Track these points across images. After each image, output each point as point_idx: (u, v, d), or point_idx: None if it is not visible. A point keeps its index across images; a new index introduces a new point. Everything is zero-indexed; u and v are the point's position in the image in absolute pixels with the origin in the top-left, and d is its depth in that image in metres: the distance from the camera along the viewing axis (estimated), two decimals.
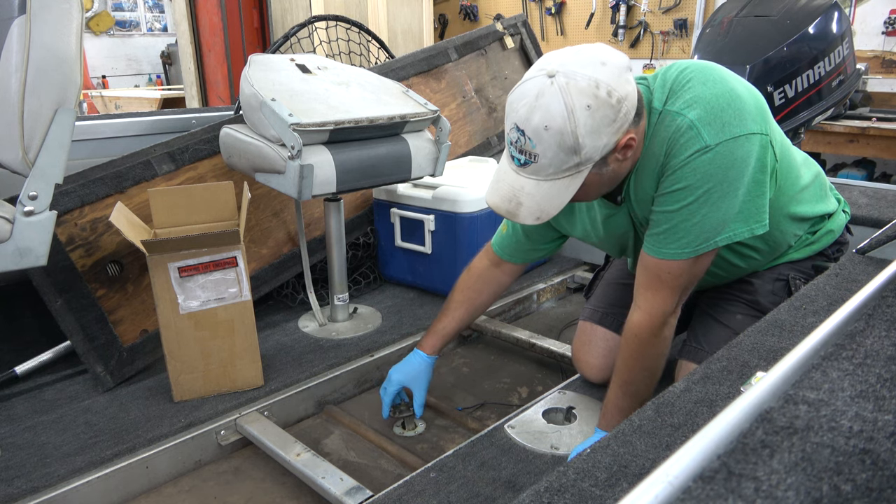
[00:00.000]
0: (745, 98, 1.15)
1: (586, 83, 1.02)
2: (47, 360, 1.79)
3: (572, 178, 1.09)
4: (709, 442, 0.57)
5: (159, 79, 6.63)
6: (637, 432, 0.84)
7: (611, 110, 1.04)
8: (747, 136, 1.12)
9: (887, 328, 0.89)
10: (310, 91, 1.75)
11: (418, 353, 1.58)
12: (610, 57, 1.06)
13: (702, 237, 1.16)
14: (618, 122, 1.05)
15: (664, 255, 1.20)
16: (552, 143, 1.04)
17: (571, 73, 1.03)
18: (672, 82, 1.17)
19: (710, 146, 1.10)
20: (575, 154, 1.05)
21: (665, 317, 1.24)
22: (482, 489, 1.27)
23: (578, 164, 1.07)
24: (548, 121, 1.03)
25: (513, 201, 1.12)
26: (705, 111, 1.11)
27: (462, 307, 1.58)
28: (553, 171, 1.08)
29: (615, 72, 1.05)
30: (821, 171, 1.45)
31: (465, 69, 2.87)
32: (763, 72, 2.32)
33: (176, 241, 1.51)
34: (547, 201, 1.11)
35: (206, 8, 4.28)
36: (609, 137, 1.06)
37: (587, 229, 1.42)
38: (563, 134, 1.03)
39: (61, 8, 1.27)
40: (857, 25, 3.75)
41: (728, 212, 1.14)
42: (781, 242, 1.38)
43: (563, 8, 5.18)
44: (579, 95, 1.02)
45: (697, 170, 1.12)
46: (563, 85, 1.03)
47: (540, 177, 1.09)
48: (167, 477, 1.48)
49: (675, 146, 1.13)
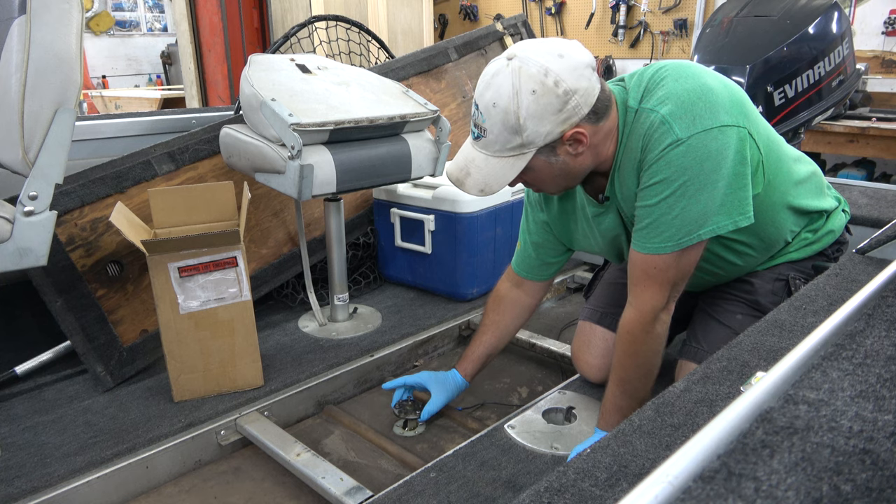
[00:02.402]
0: (718, 91, 1.16)
1: (536, 69, 1.09)
2: (47, 360, 1.79)
3: (516, 159, 1.16)
4: (709, 442, 0.57)
5: (159, 79, 6.63)
6: (637, 432, 0.84)
7: (556, 99, 1.10)
8: (721, 129, 1.13)
9: (887, 328, 0.89)
10: (310, 91, 1.75)
11: (454, 372, 1.62)
12: (570, 52, 1.12)
13: (683, 230, 1.17)
14: (564, 112, 1.11)
15: (649, 250, 1.21)
16: (497, 120, 1.12)
17: (526, 59, 1.10)
18: (647, 81, 1.20)
19: (682, 139, 1.13)
20: (517, 134, 1.12)
21: (656, 312, 1.25)
22: (482, 489, 1.27)
23: (521, 146, 1.14)
24: (496, 98, 1.11)
25: (463, 170, 1.21)
26: (676, 105, 1.14)
27: (489, 331, 1.62)
28: (499, 147, 1.16)
29: (570, 65, 1.10)
30: (817, 169, 1.45)
31: (465, 69, 2.87)
32: (763, 72, 2.32)
33: (176, 241, 1.51)
34: (492, 176, 1.18)
35: (206, 8, 4.28)
36: (553, 126, 1.12)
37: (588, 240, 1.44)
38: (507, 112, 1.11)
39: (61, 8, 1.27)
40: (857, 25, 3.75)
41: (709, 204, 1.15)
42: (777, 238, 1.38)
43: (563, 8, 5.18)
44: (527, 80, 1.09)
45: (672, 163, 1.14)
46: (515, 68, 1.10)
47: (489, 152, 1.17)
48: (167, 477, 1.48)
49: (649, 141, 1.17)
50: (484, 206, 2.11)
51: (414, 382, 1.62)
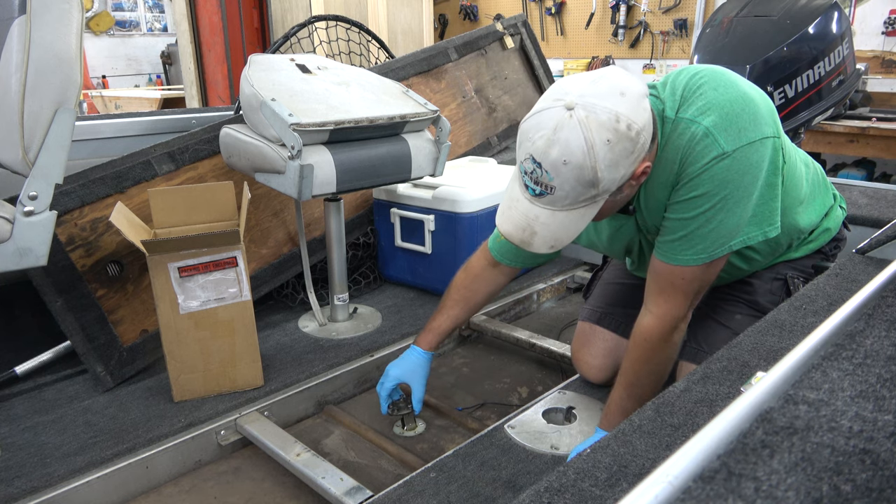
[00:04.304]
0: (758, 102, 1.14)
1: (606, 117, 1.00)
2: (47, 360, 1.79)
3: (588, 208, 1.08)
4: (709, 442, 0.57)
5: (159, 79, 6.63)
6: (637, 432, 0.84)
7: (630, 143, 1.02)
8: (762, 141, 1.11)
9: (887, 328, 0.89)
10: (310, 91, 1.75)
11: (415, 349, 1.57)
12: (628, 85, 1.04)
13: (717, 243, 1.15)
14: (636, 153, 1.04)
15: (678, 262, 1.19)
16: (570, 177, 1.02)
17: (591, 106, 1.00)
18: (683, 89, 1.15)
19: (728, 152, 1.09)
20: (593, 187, 1.04)
21: (676, 322, 1.24)
22: (482, 489, 1.27)
23: (595, 196, 1.06)
24: (567, 155, 1.01)
25: (527, 230, 1.11)
26: (720, 117, 1.10)
27: (458, 306, 1.57)
28: (570, 202, 1.06)
29: (634, 101, 1.03)
30: (819, 167, 1.45)
31: (465, 69, 2.87)
32: (763, 72, 2.32)
33: (176, 241, 1.51)
34: (562, 231, 1.10)
35: (206, 8, 4.28)
36: (627, 168, 1.05)
37: (592, 240, 1.43)
38: (582, 169, 1.01)
39: (61, 8, 1.27)
40: (857, 25, 3.75)
41: (742, 216, 1.14)
42: (783, 244, 1.38)
43: (563, 8, 5.18)
44: (599, 130, 1.00)
45: (715, 177, 1.11)
46: (582, 118, 1.00)
47: (556, 207, 1.07)
48: (167, 477, 1.48)
49: (690, 154, 1.12)
50: (484, 206, 2.11)
51: (390, 386, 1.56)
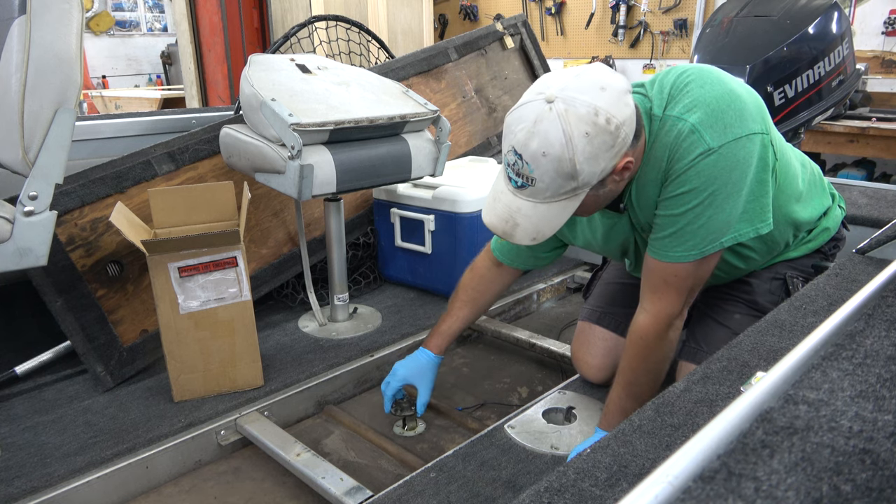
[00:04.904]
0: (745, 98, 1.15)
1: (585, 110, 1.02)
2: (47, 360, 1.79)
3: (569, 201, 1.09)
4: (709, 442, 0.57)
5: (159, 79, 6.63)
6: (637, 432, 0.84)
7: (609, 136, 1.03)
8: (749, 137, 1.12)
9: (887, 328, 0.89)
10: (310, 91, 1.75)
11: (425, 352, 1.58)
12: (610, 81, 1.05)
13: (707, 239, 1.16)
14: (616, 147, 1.05)
15: (670, 259, 1.20)
16: (549, 168, 1.04)
17: (570, 100, 1.02)
18: (670, 87, 1.17)
19: (714, 148, 1.10)
20: (572, 179, 1.05)
21: (671, 319, 1.25)
22: (482, 489, 1.27)
23: (576, 189, 1.08)
24: (546, 147, 1.03)
25: (509, 222, 1.13)
26: (706, 114, 1.11)
27: (467, 307, 1.59)
28: (550, 194, 1.08)
29: (615, 96, 1.04)
30: (816, 167, 1.45)
31: (465, 69, 2.87)
32: (763, 72, 2.32)
33: (176, 241, 1.51)
34: (544, 223, 1.11)
35: (206, 8, 4.28)
36: (607, 162, 1.06)
37: (588, 239, 1.43)
38: (560, 160, 1.03)
39: (61, 8, 1.27)
40: (857, 25, 3.75)
41: (732, 213, 1.14)
42: (779, 242, 1.38)
43: (563, 8, 5.18)
44: (578, 122, 1.01)
45: (702, 173, 1.12)
46: (561, 111, 1.02)
47: (537, 199, 1.09)
48: (167, 477, 1.48)
49: (677, 151, 1.13)
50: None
51: (396, 386, 1.57)
